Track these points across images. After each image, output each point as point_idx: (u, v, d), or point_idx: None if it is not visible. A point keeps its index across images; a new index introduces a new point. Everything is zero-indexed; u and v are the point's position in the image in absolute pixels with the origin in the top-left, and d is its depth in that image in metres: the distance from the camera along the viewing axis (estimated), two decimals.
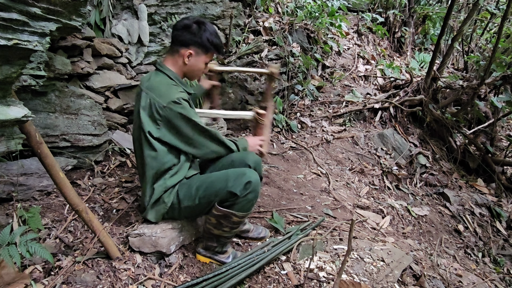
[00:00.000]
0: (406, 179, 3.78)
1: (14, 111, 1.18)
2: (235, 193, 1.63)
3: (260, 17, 4.45)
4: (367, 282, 1.86)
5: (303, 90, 4.40)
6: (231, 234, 1.81)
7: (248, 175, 1.65)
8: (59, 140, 2.23)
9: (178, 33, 1.70)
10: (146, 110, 1.65)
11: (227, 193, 1.65)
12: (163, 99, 1.61)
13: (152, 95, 1.63)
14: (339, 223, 2.46)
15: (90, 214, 1.59)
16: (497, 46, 3.87)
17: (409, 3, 6.64)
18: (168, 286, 1.65)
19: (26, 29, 1.10)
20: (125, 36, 3.04)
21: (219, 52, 1.78)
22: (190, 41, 1.69)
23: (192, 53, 1.70)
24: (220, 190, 1.66)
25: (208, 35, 1.70)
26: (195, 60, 1.73)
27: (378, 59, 5.88)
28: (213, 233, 1.78)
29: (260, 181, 1.81)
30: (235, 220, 1.72)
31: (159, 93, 1.63)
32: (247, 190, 1.64)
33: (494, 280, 2.63)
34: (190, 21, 1.70)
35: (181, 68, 1.75)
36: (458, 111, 4.40)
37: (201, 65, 1.76)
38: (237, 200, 1.65)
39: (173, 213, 1.81)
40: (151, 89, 1.66)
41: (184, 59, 1.71)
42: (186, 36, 1.68)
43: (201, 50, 1.71)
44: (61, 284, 1.51)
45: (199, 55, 1.73)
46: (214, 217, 1.72)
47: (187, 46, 1.69)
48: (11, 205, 1.89)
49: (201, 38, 1.69)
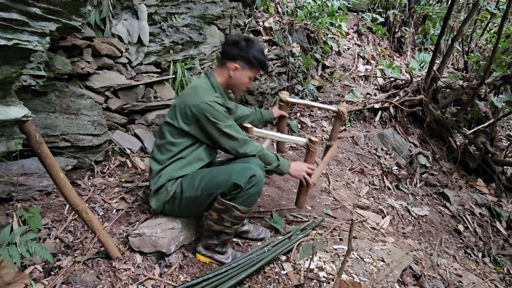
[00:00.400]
0: (406, 179, 3.78)
1: (14, 111, 1.18)
2: (239, 185, 1.65)
3: (260, 17, 4.45)
4: (367, 282, 1.86)
5: (303, 90, 4.40)
6: (232, 231, 1.81)
7: (253, 169, 1.69)
8: (59, 140, 2.23)
9: (227, 47, 1.85)
10: (181, 104, 1.78)
11: (231, 185, 1.67)
12: (197, 99, 1.73)
13: (189, 92, 1.79)
14: (339, 223, 2.46)
15: (90, 214, 1.59)
16: (497, 46, 3.87)
17: (409, 3, 6.64)
18: (168, 286, 1.65)
19: (26, 29, 1.10)
20: (125, 36, 3.04)
21: (263, 68, 1.91)
22: (237, 56, 1.82)
23: (238, 67, 1.83)
24: (224, 182, 1.69)
25: (254, 51, 1.82)
26: (240, 73, 1.86)
27: (378, 59, 5.88)
28: (214, 229, 1.78)
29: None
30: (236, 215, 1.72)
31: (196, 92, 1.77)
32: (251, 183, 1.67)
33: (494, 280, 2.63)
34: (240, 38, 1.85)
35: (226, 80, 1.88)
36: (458, 111, 4.40)
37: (245, 79, 1.88)
38: (240, 193, 1.67)
39: (174, 204, 1.81)
40: (191, 87, 1.83)
41: (230, 72, 1.84)
42: (234, 51, 1.82)
43: (246, 65, 1.84)
44: (61, 284, 1.51)
45: (244, 70, 1.85)
46: (215, 211, 1.73)
47: (234, 60, 1.83)
48: (11, 205, 1.89)
49: (248, 54, 1.82)
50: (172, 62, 3.42)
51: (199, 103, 1.71)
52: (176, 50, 3.45)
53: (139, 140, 2.85)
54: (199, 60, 3.66)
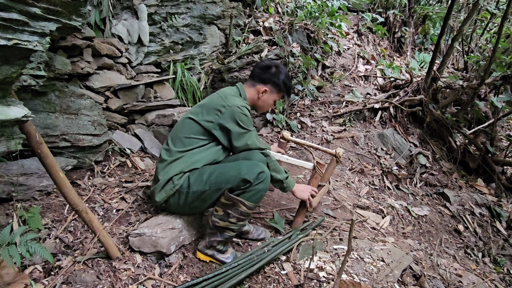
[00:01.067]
0: (406, 179, 3.78)
1: (14, 111, 1.18)
2: (249, 180, 1.71)
3: (260, 17, 4.45)
4: (367, 282, 1.86)
5: (303, 90, 4.40)
6: (237, 228, 1.82)
7: (261, 167, 1.77)
8: (59, 140, 2.23)
9: (259, 71, 2.00)
10: (210, 104, 1.87)
11: (240, 180, 1.72)
12: (228, 101, 1.85)
13: (219, 96, 1.90)
14: (339, 223, 2.46)
15: (90, 214, 1.59)
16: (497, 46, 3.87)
17: (409, 3, 6.64)
18: (168, 286, 1.65)
19: (26, 29, 1.10)
20: (125, 36, 3.04)
21: (288, 93, 2.08)
22: (268, 80, 1.99)
23: (267, 90, 2.00)
24: (232, 178, 1.74)
25: (284, 77, 2.00)
26: (268, 96, 2.02)
27: (378, 59, 5.88)
28: (219, 225, 1.79)
29: None
30: (243, 210, 1.74)
31: (226, 96, 1.88)
32: (260, 180, 1.73)
33: (494, 280, 2.63)
34: (271, 64, 2.01)
35: (253, 100, 2.03)
36: (458, 111, 4.40)
37: (271, 101, 2.05)
38: (249, 188, 1.72)
39: (179, 198, 1.82)
40: (220, 92, 1.94)
41: (259, 94, 2.00)
42: (266, 75, 1.98)
43: (274, 89, 2.01)
44: (61, 284, 1.51)
45: (272, 93, 2.02)
46: (221, 206, 1.76)
47: (264, 83, 2.00)
48: (11, 205, 1.89)
49: (278, 80, 1.99)
50: (172, 62, 3.42)
51: (231, 105, 1.83)
52: (176, 50, 3.45)
53: (139, 140, 2.85)
54: (199, 60, 3.66)
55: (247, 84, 2.03)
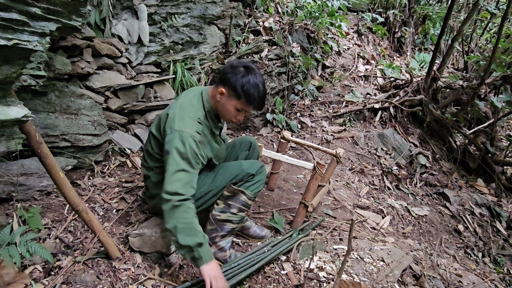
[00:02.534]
0: (406, 179, 3.78)
1: (14, 111, 1.18)
2: (252, 173, 1.80)
3: (260, 17, 4.45)
4: (367, 282, 1.86)
5: (303, 90, 4.40)
6: (237, 219, 1.84)
7: (260, 163, 1.88)
8: (59, 140, 2.23)
9: (224, 69, 1.71)
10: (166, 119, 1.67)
11: (245, 174, 1.80)
12: (177, 124, 1.60)
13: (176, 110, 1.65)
14: (339, 223, 2.46)
15: (90, 214, 1.59)
16: (497, 46, 3.87)
17: (409, 3, 6.64)
18: (168, 286, 1.65)
19: (26, 29, 1.10)
20: (125, 36, 3.04)
21: (250, 103, 1.67)
22: (227, 81, 1.65)
23: (224, 92, 1.67)
24: (236, 173, 1.80)
25: (245, 82, 1.63)
26: (225, 100, 1.69)
27: (378, 59, 5.88)
28: (220, 218, 1.82)
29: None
30: (243, 200, 1.80)
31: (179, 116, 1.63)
32: (260, 172, 1.85)
33: (494, 280, 2.63)
34: (241, 64, 1.70)
35: (215, 104, 1.73)
36: (458, 111, 4.40)
37: (230, 108, 1.69)
38: (253, 178, 1.81)
39: None
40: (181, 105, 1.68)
41: (217, 96, 1.70)
42: (228, 76, 1.66)
43: (232, 93, 1.66)
44: (61, 284, 1.51)
45: (230, 98, 1.67)
46: (223, 199, 1.81)
47: (223, 85, 1.68)
48: (11, 205, 1.89)
49: (236, 82, 1.64)
50: (172, 62, 3.42)
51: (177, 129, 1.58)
52: (176, 50, 3.45)
53: (139, 140, 2.85)
54: (199, 60, 3.66)
55: (214, 85, 1.77)
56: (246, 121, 3.83)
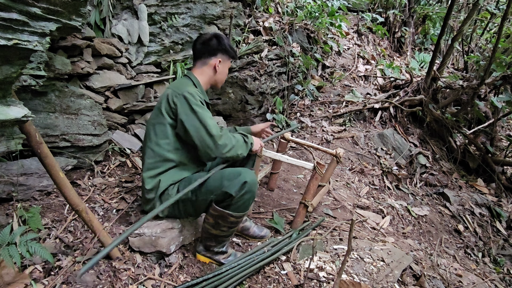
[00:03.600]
0: (406, 179, 3.78)
1: (14, 111, 1.18)
2: (230, 194, 1.63)
3: (260, 17, 4.45)
4: (367, 282, 1.86)
5: (303, 90, 4.40)
6: (229, 233, 1.81)
7: (244, 175, 1.63)
8: (59, 140, 2.23)
9: (202, 47, 1.89)
10: (165, 102, 1.77)
11: (223, 193, 1.65)
12: (179, 90, 1.75)
13: (171, 88, 1.80)
14: (339, 223, 2.46)
15: (90, 214, 1.59)
16: (497, 46, 3.87)
17: (409, 3, 6.64)
18: (168, 286, 1.65)
19: (26, 29, 1.10)
20: (125, 36, 3.04)
21: (236, 55, 2.00)
22: (217, 50, 1.89)
23: (220, 60, 1.90)
24: (215, 189, 1.67)
25: (227, 41, 1.92)
26: (223, 66, 1.93)
27: (378, 59, 5.88)
28: (211, 232, 1.78)
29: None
30: (232, 220, 1.72)
31: (177, 86, 1.79)
32: (243, 191, 1.63)
33: (494, 280, 2.63)
34: (207, 36, 1.90)
35: (210, 78, 1.93)
36: (458, 111, 4.40)
37: (227, 69, 1.98)
38: (232, 201, 1.65)
39: (174, 208, 1.82)
40: (172, 85, 1.84)
41: (216, 67, 1.90)
42: (212, 47, 1.88)
43: (225, 56, 1.93)
44: (61, 284, 1.51)
45: (225, 62, 1.94)
46: (211, 216, 1.74)
47: (215, 55, 1.89)
48: (11, 205, 1.89)
49: (225, 46, 1.91)
50: (172, 62, 3.42)
51: (180, 93, 1.73)
52: (176, 50, 3.45)
53: (139, 140, 2.85)
54: None
55: (197, 67, 1.90)
56: (246, 121, 3.83)
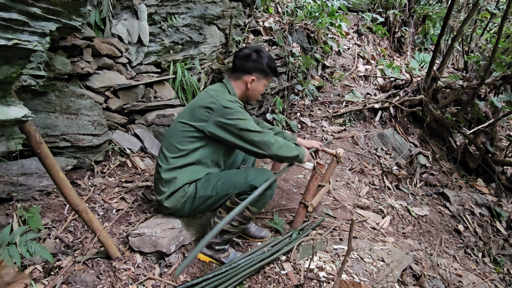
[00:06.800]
0: (406, 179, 3.78)
1: (14, 111, 1.18)
2: (256, 186, 1.70)
3: (260, 17, 4.45)
4: (367, 282, 1.86)
5: (303, 90, 4.40)
6: (237, 231, 1.83)
7: (268, 173, 1.77)
8: (59, 140, 2.23)
9: (240, 61, 1.91)
10: (198, 103, 1.81)
11: (248, 186, 1.72)
12: (216, 97, 1.77)
13: (206, 95, 1.82)
14: (339, 223, 2.46)
15: (90, 214, 1.59)
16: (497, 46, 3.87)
17: (409, 3, 6.64)
18: (168, 286, 1.65)
19: (26, 29, 1.10)
20: (125, 36, 3.04)
21: (275, 75, 2.01)
22: (252, 69, 1.90)
23: (254, 78, 1.92)
24: (240, 183, 1.74)
25: (267, 61, 1.92)
26: (256, 84, 1.94)
27: (378, 59, 5.88)
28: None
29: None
30: (246, 215, 1.76)
31: (212, 94, 1.81)
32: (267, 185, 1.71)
33: (494, 280, 2.63)
34: (250, 50, 1.92)
35: (243, 92, 1.95)
36: (458, 111, 4.40)
37: (261, 87, 1.98)
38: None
39: (186, 204, 1.82)
40: (206, 90, 1.87)
41: (248, 85, 1.92)
42: (249, 64, 1.90)
43: (261, 75, 1.93)
44: (61, 284, 1.51)
45: (259, 80, 1.94)
46: (225, 209, 1.77)
47: (250, 73, 1.91)
48: (11, 205, 1.89)
49: (262, 65, 1.91)
50: (172, 62, 3.42)
51: (219, 100, 1.76)
52: (176, 50, 3.45)
53: (139, 140, 2.85)
54: (199, 60, 3.66)
55: (232, 78, 1.94)
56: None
